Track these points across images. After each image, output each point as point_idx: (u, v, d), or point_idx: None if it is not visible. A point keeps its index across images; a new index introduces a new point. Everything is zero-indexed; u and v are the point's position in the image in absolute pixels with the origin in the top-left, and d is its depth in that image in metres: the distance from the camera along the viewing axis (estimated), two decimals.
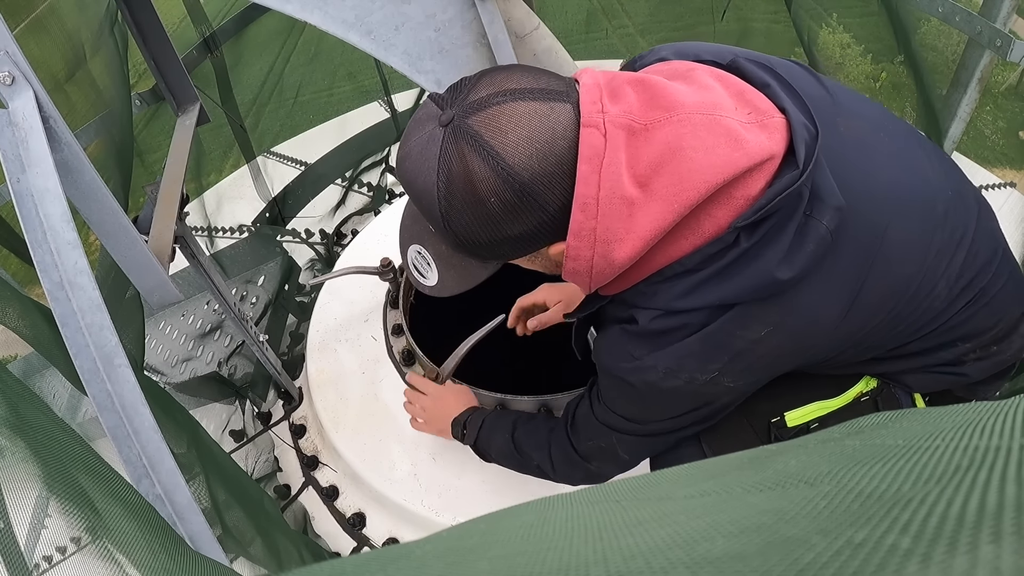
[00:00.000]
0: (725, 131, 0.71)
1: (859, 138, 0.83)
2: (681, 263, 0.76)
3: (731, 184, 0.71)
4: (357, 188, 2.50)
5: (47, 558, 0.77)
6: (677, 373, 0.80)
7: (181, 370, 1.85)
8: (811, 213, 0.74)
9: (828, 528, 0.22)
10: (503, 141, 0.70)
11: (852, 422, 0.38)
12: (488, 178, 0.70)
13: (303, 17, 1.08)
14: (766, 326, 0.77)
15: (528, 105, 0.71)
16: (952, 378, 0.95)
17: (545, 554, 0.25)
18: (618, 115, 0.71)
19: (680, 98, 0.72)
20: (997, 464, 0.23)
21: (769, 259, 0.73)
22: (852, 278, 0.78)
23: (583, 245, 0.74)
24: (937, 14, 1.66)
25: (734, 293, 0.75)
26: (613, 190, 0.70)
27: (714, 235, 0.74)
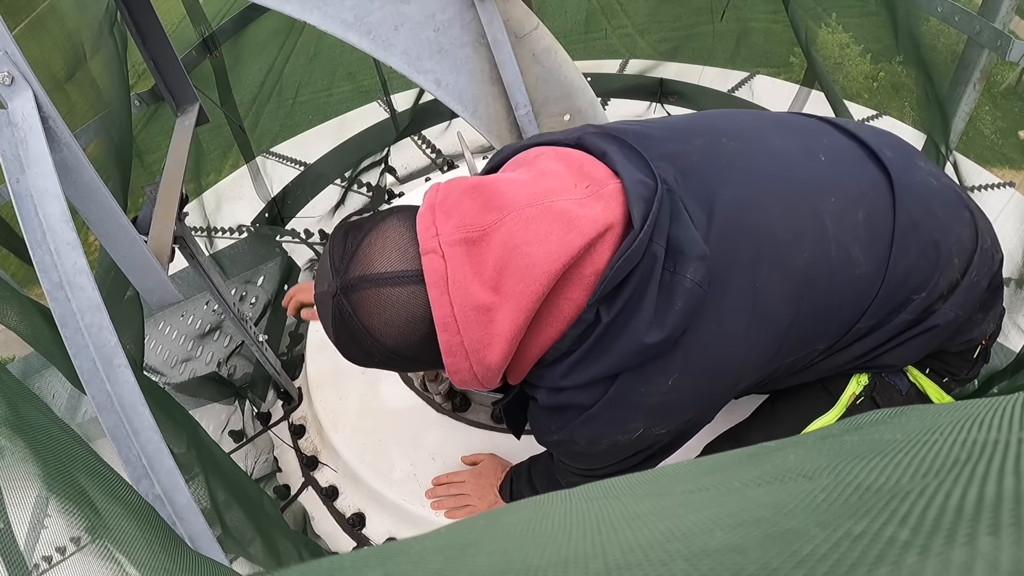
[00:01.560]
0: (557, 216, 0.74)
1: (705, 155, 0.85)
2: (555, 348, 0.80)
3: (576, 265, 0.75)
4: (356, 188, 2.50)
5: (47, 558, 0.77)
6: (598, 440, 0.84)
7: (181, 370, 1.85)
8: (674, 269, 0.76)
9: (827, 520, 0.22)
10: (371, 323, 0.79)
11: (851, 419, 0.38)
12: (369, 345, 0.81)
13: (302, 17, 1.08)
14: (670, 375, 0.80)
15: (389, 292, 0.77)
16: (929, 336, 0.91)
17: (544, 548, 0.25)
18: (452, 232, 0.75)
19: (512, 195, 0.77)
20: (995, 457, 0.23)
21: (636, 328, 0.76)
22: (744, 300, 0.79)
23: (458, 360, 0.78)
24: (936, 14, 1.66)
25: (609, 366, 0.79)
26: (465, 304, 0.75)
27: (575, 316, 0.78)
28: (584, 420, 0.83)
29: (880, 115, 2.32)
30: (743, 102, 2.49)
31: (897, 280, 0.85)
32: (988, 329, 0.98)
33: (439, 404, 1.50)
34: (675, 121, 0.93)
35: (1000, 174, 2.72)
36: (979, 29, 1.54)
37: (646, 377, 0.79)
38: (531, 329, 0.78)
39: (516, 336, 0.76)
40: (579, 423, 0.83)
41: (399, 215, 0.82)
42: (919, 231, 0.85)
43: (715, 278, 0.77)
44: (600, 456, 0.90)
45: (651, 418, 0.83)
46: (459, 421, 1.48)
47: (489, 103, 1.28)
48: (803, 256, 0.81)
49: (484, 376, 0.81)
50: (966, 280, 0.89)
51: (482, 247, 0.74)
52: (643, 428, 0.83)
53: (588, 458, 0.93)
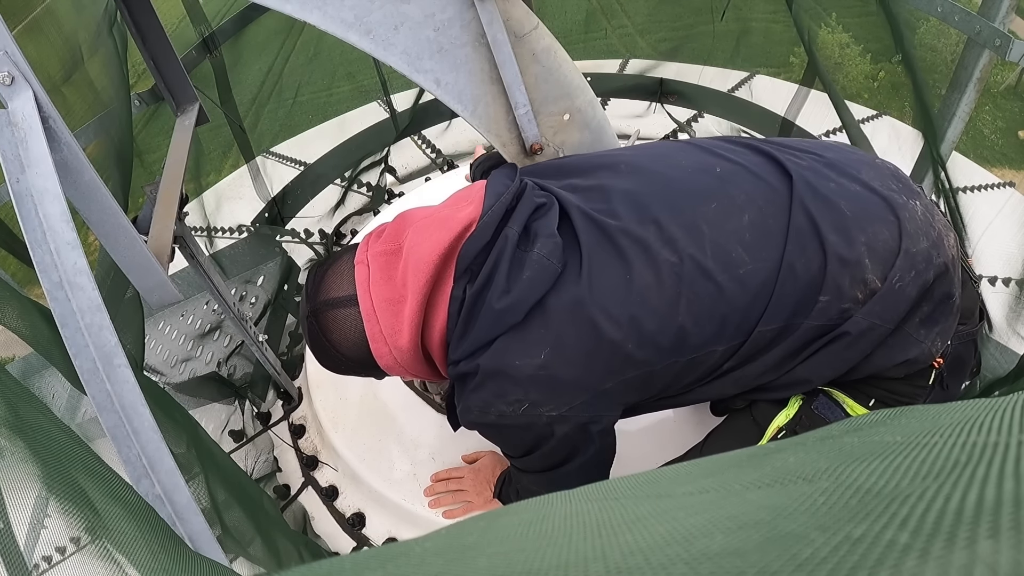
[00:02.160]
0: (439, 221, 0.94)
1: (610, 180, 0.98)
2: (449, 329, 0.95)
3: (450, 255, 0.92)
4: (356, 188, 2.50)
5: (47, 558, 0.77)
6: (487, 410, 0.93)
7: (181, 370, 1.85)
8: (526, 248, 0.90)
9: (826, 524, 0.22)
10: (333, 339, 1.00)
11: (850, 420, 0.38)
12: (334, 356, 1.03)
13: (302, 17, 1.08)
14: (541, 348, 0.88)
15: (340, 313, 0.99)
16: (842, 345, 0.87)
17: (544, 550, 0.25)
18: (379, 246, 0.97)
19: (416, 215, 1.00)
20: (995, 460, 0.23)
21: (490, 298, 0.89)
22: (616, 285, 0.88)
23: (379, 346, 0.96)
24: (936, 14, 1.66)
25: (479, 335, 0.90)
26: (380, 297, 0.94)
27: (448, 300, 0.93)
28: (473, 387, 0.93)
29: (880, 115, 2.32)
30: (743, 102, 2.49)
31: (793, 279, 0.85)
32: (935, 349, 0.91)
33: (439, 404, 1.50)
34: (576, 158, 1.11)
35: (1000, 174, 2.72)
36: (979, 29, 1.54)
37: (520, 348, 0.89)
38: (428, 316, 0.94)
39: (416, 320, 0.92)
40: (470, 390, 0.94)
41: (351, 252, 1.02)
42: (818, 233, 0.85)
43: (585, 262, 0.88)
44: (500, 435, 1.01)
45: (532, 390, 0.89)
46: None
47: (489, 103, 1.28)
48: (675, 255, 0.88)
49: (402, 359, 0.97)
50: (886, 286, 0.85)
51: (396, 256, 0.95)
52: (528, 403, 0.90)
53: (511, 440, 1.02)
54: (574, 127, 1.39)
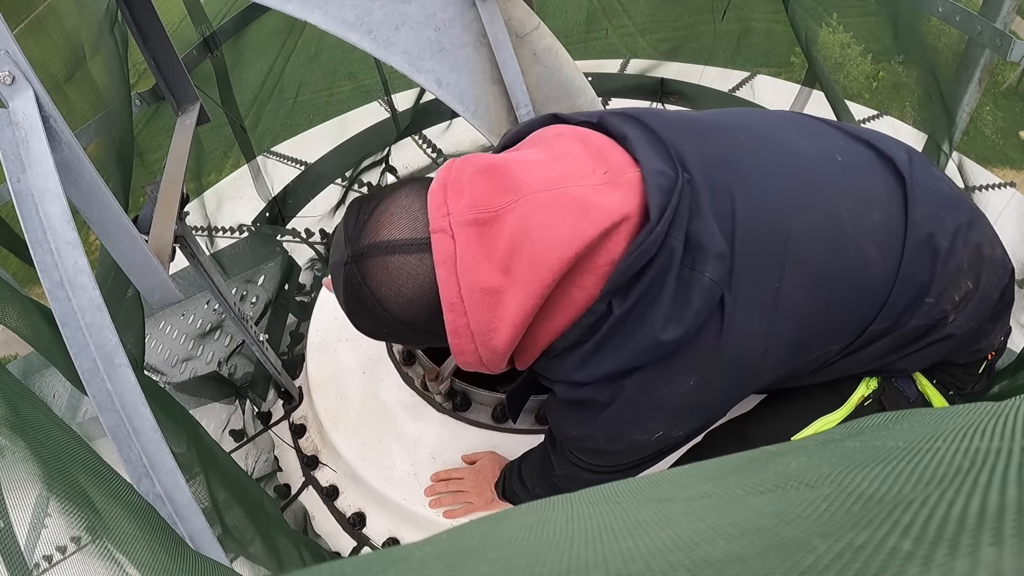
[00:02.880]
0: (572, 202, 0.73)
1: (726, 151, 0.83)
2: (564, 337, 0.79)
3: (590, 253, 0.73)
4: (357, 188, 2.50)
5: (47, 557, 0.77)
6: (618, 439, 0.83)
7: (181, 370, 1.85)
8: (692, 266, 0.74)
9: (829, 531, 0.22)
10: (380, 292, 0.79)
11: (852, 423, 0.38)
12: (378, 314, 0.81)
13: (303, 17, 1.08)
14: (692, 376, 0.78)
15: (398, 260, 0.77)
16: (943, 345, 0.90)
17: (545, 556, 0.25)
18: (463, 212, 0.74)
19: (526, 178, 0.75)
20: (998, 466, 0.23)
21: (652, 323, 0.74)
22: (770, 293, 0.78)
23: (463, 341, 0.78)
24: (937, 14, 1.66)
25: (624, 361, 0.77)
26: (473, 285, 0.74)
27: (587, 305, 0.76)
28: (605, 418, 0.81)
29: (881, 115, 2.32)
30: (744, 102, 2.48)
31: (909, 280, 0.84)
32: (996, 341, 0.97)
33: (439, 404, 1.50)
34: (695, 115, 0.91)
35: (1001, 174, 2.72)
36: (980, 29, 1.54)
37: (666, 376, 0.78)
38: (541, 315, 0.77)
39: (524, 322, 0.75)
40: (599, 421, 0.81)
41: (411, 186, 0.81)
42: (931, 236, 0.84)
43: (736, 276, 0.75)
44: (616, 455, 0.89)
45: (672, 419, 0.82)
46: (459, 421, 1.48)
47: (490, 103, 1.28)
48: (820, 254, 0.80)
49: (489, 359, 0.80)
50: (980, 291, 0.87)
51: (493, 229, 0.73)
52: (663, 430, 0.82)
53: (604, 455, 0.92)
54: None
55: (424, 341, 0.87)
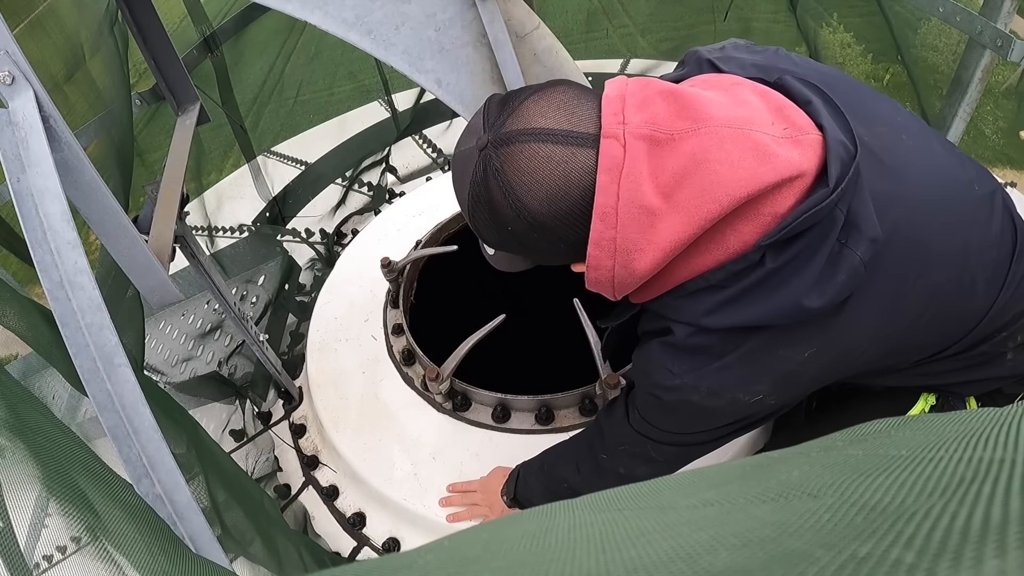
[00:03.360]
0: (753, 145, 0.69)
1: (886, 145, 0.81)
2: (705, 278, 0.76)
3: (757, 199, 0.70)
4: (357, 188, 2.50)
5: (47, 557, 0.77)
6: (720, 394, 0.80)
7: (181, 370, 1.85)
8: (846, 242, 0.72)
9: (832, 542, 0.22)
10: (519, 180, 0.73)
11: (854, 429, 0.38)
12: (505, 209, 0.75)
13: (303, 17, 1.08)
14: (809, 347, 0.77)
15: (548, 148, 0.72)
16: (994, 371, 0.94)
17: (548, 565, 0.25)
18: (639, 125, 0.70)
19: (711, 110, 0.71)
20: (1001, 476, 0.23)
21: (797, 286, 0.72)
22: (893, 293, 0.78)
23: (603, 255, 0.74)
24: (938, 14, 1.66)
25: (760, 316, 0.74)
26: (632, 200, 0.70)
27: (739, 251, 0.73)
28: (716, 369, 0.79)
29: None
30: None
31: (996, 319, 0.86)
32: None
33: (439, 404, 1.50)
34: (860, 94, 0.88)
35: (1001, 174, 2.72)
36: (980, 29, 1.54)
37: (788, 342, 0.77)
38: (688, 250, 0.74)
39: (674, 250, 0.72)
40: (709, 371, 0.79)
41: (569, 84, 0.77)
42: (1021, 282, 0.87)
43: (876, 266, 0.74)
44: (706, 415, 0.86)
45: (777, 385, 0.80)
46: (459, 421, 1.48)
47: None
48: (944, 274, 0.80)
49: (622, 281, 0.77)
50: None
51: (666, 150, 0.70)
52: (764, 394, 0.80)
53: (682, 418, 0.89)
54: None
55: (538, 254, 0.83)
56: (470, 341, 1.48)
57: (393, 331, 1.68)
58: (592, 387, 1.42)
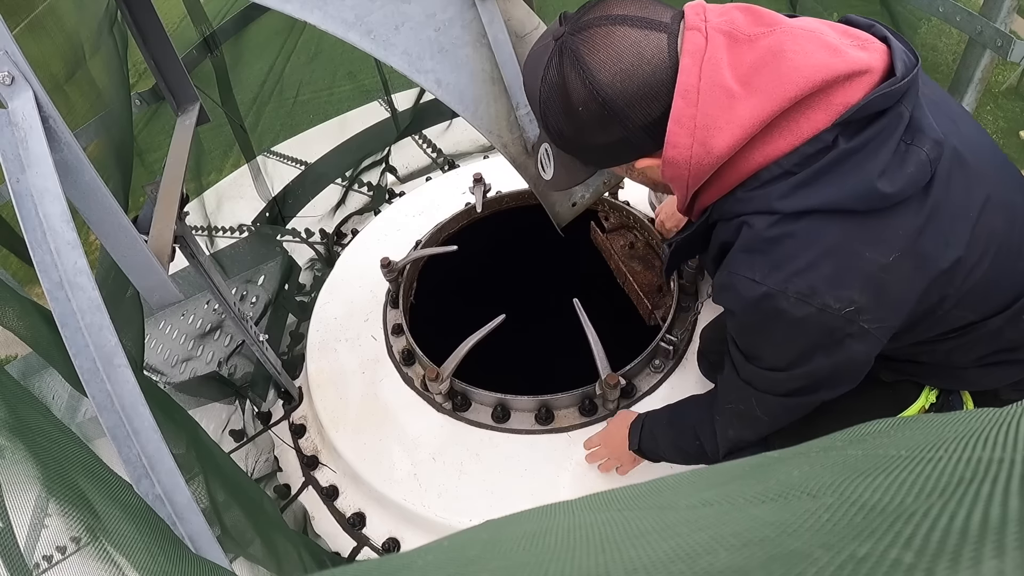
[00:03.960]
0: (825, 44, 0.75)
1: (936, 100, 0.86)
2: (779, 164, 0.79)
3: (829, 89, 0.74)
4: (357, 188, 2.50)
5: (47, 558, 0.77)
6: (809, 298, 0.79)
7: (181, 370, 1.85)
8: (911, 142, 0.77)
9: (831, 542, 0.22)
10: (594, 58, 0.77)
11: (854, 429, 0.38)
12: (579, 89, 0.79)
13: (303, 17, 1.08)
14: (892, 251, 0.78)
15: (624, 30, 0.77)
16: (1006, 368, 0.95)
17: (547, 566, 0.25)
18: (721, 24, 0.77)
19: (784, 20, 0.78)
20: (1000, 476, 0.23)
21: (870, 170, 0.75)
22: (959, 214, 0.80)
23: (683, 132, 0.78)
24: (937, 14, 1.66)
25: (835, 197, 0.76)
26: (713, 80, 0.75)
27: (811, 136, 0.77)
28: (800, 268, 0.78)
29: None
30: None
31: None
32: None
33: (439, 404, 1.50)
34: None
35: None
36: (980, 29, 1.54)
37: (870, 237, 0.78)
38: (762, 136, 0.78)
39: (753, 129, 0.76)
40: (793, 269, 0.79)
41: None
42: None
43: (943, 179, 0.78)
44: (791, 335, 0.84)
45: (867, 292, 0.78)
46: (459, 421, 1.48)
47: (490, 103, 1.28)
48: (998, 219, 0.83)
49: (698, 163, 0.79)
50: None
51: (744, 47, 0.76)
52: (856, 305, 0.79)
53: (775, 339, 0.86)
54: None
55: (606, 144, 0.84)
56: (470, 341, 1.48)
57: (393, 331, 1.68)
58: (592, 387, 1.42)
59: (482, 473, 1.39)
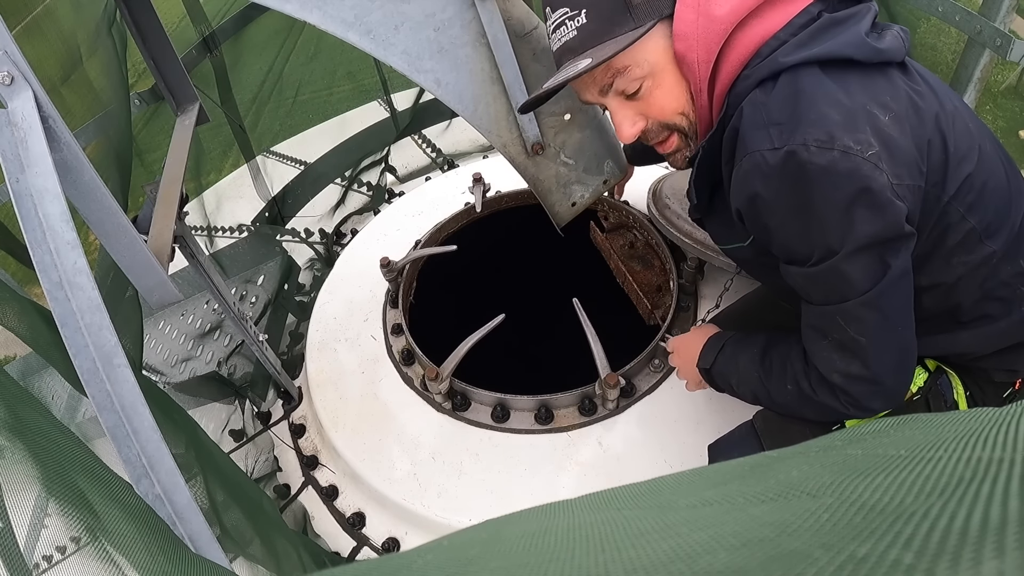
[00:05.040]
0: None
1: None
2: (776, 37, 0.87)
3: None
4: (356, 187, 2.50)
5: (47, 558, 0.77)
6: (828, 143, 0.79)
7: (181, 370, 1.85)
8: (880, 32, 0.89)
9: (830, 542, 0.21)
10: None
11: (853, 429, 0.38)
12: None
13: (302, 16, 1.08)
14: (889, 110, 0.82)
15: None
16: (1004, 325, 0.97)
17: (547, 566, 0.25)
18: None
19: None
20: (1000, 476, 0.23)
21: (856, 31, 0.85)
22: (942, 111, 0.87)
23: (687, 9, 0.88)
24: (937, 13, 1.66)
25: (834, 47, 0.83)
26: None
27: (800, 11, 0.88)
28: (815, 119, 0.80)
29: None
30: None
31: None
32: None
33: (438, 404, 1.50)
34: None
35: None
36: (979, 28, 1.54)
37: (868, 92, 0.83)
38: (757, 13, 0.88)
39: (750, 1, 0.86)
40: (808, 122, 0.80)
41: None
42: None
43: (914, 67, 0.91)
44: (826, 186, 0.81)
45: (877, 140, 0.79)
46: (459, 421, 1.48)
47: (489, 103, 1.28)
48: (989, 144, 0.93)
49: (705, 33, 0.88)
50: None
51: None
52: (874, 149, 0.79)
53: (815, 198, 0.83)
54: (575, 127, 1.39)
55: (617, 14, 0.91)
56: (469, 341, 1.48)
57: (392, 331, 1.68)
58: (591, 387, 1.42)
59: (482, 473, 1.39)
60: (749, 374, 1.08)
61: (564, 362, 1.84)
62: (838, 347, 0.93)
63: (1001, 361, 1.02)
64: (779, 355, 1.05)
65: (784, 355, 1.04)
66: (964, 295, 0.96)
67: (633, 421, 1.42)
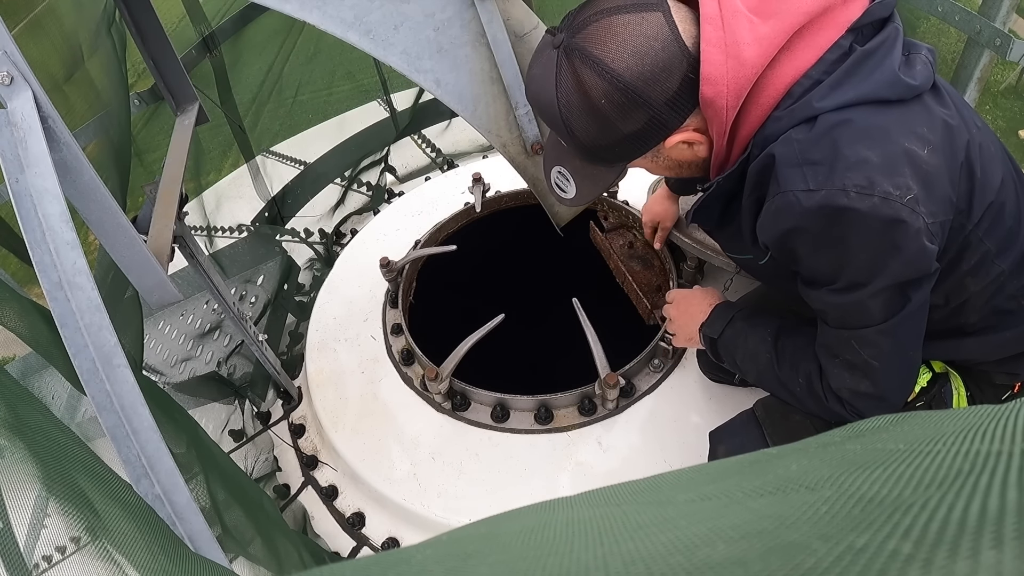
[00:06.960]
0: None
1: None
2: (808, 75, 0.84)
3: (831, 9, 0.83)
4: (356, 187, 2.50)
5: (47, 558, 0.77)
6: (869, 189, 0.78)
7: (180, 370, 1.85)
8: (909, 53, 0.87)
9: (829, 533, 0.22)
10: (604, 50, 0.82)
11: (852, 426, 0.38)
12: (597, 83, 0.83)
13: (302, 16, 1.08)
14: (926, 143, 0.81)
15: (622, 17, 0.83)
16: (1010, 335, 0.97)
17: (545, 559, 0.25)
18: None
19: None
20: (998, 469, 0.23)
21: (890, 65, 0.82)
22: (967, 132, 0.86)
23: (716, 50, 0.82)
24: (936, 13, 1.66)
25: (870, 89, 0.82)
26: (732, 9, 0.82)
27: (830, 45, 0.84)
28: (854, 162, 0.79)
29: None
30: None
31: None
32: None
33: (438, 404, 1.50)
34: None
35: None
36: (979, 28, 1.54)
37: (904, 128, 0.81)
38: (786, 53, 0.84)
39: (779, 40, 0.82)
40: (846, 164, 0.79)
41: None
42: None
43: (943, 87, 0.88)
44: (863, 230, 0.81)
45: (916, 181, 0.79)
46: (458, 421, 1.48)
47: (489, 103, 1.28)
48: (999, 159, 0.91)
49: (735, 74, 0.83)
50: None
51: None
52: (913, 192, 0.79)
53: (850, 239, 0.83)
54: None
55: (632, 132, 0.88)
56: (469, 341, 1.48)
57: (392, 331, 1.68)
58: (591, 387, 1.42)
59: (481, 473, 1.39)
60: (759, 355, 1.08)
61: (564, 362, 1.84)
62: (849, 366, 0.95)
63: (1003, 365, 1.04)
64: (793, 346, 1.05)
65: (799, 348, 1.04)
66: (972, 310, 0.97)
67: (633, 421, 1.42)
